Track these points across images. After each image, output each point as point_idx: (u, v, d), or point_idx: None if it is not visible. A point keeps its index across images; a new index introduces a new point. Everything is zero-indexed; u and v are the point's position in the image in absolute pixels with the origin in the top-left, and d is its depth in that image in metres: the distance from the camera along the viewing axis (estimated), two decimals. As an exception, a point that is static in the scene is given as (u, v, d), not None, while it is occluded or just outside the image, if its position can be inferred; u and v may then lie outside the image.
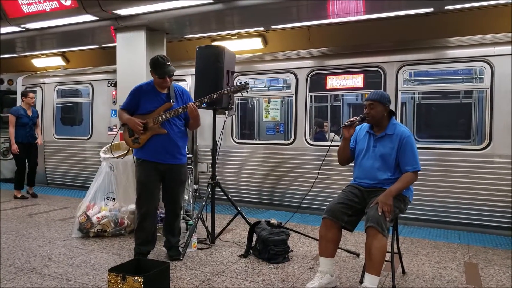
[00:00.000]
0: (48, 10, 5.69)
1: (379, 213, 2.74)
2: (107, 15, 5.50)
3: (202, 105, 4.11)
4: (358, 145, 3.18)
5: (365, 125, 3.18)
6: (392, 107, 5.05)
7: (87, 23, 5.90)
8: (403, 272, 3.40)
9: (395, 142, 2.99)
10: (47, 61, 9.50)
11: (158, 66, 3.52)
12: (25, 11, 5.87)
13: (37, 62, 9.65)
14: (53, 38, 6.94)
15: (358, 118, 3.12)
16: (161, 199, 3.78)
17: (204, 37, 6.99)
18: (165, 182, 3.66)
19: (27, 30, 6.53)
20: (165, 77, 3.52)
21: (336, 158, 3.30)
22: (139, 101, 3.59)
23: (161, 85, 3.59)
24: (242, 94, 3.74)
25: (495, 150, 4.72)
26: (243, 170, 6.20)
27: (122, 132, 3.74)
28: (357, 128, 3.20)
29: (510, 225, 4.64)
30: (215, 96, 3.63)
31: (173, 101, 3.58)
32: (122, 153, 4.36)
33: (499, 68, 4.73)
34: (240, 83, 3.66)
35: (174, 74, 3.63)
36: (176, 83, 3.80)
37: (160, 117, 3.50)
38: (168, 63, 3.54)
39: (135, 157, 3.69)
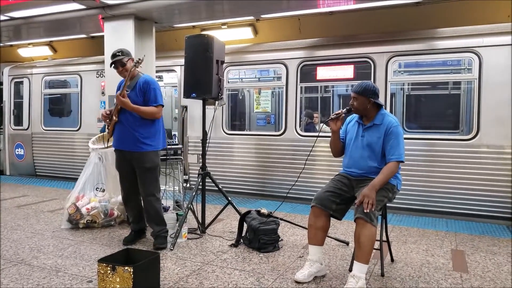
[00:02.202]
0: (34, -2, 5.58)
1: (364, 209, 2.75)
2: (95, 4, 5.41)
3: (191, 95, 4.10)
4: (347, 135, 3.22)
5: (355, 116, 3.22)
6: (381, 97, 5.14)
7: (74, 11, 5.80)
8: (392, 260, 3.45)
9: (382, 132, 3.02)
10: (33, 50, 9.33)
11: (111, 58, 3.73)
12: (10, -1, 5.75)
13: (24, 52, 9.48)
14: (40, 27, 6.79)
15: (344, 110, 3.17)
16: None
17: (194, 26, 6.93)
18: (135, 170, 3.75)
19: (13, 18, 6.40)
20: (116, 66, 3.67)
21: (326, 149, 3.33)
22: None
23: (119, 75, 3.74)
24: (141, 67, 3.67)
25: (483, 140, 4.78)
26: (234, 161, 6.20)
27: None
28: (348, 118, 3.26)
29: (496, 214, 4.73)
30: (127, 74, 3.56)
31: (126, 91, 3.60)
32: (109, 145, 4.34)
33: (487, 59, 4.77)
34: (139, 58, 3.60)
35: (164, 65, 3.61)
36: (165, 73, 3.76)
37: (114, 107, 3.66)
38: (118, 53, 3.68)
39: None
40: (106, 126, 3.87)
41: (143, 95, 3.66)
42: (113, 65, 3.69)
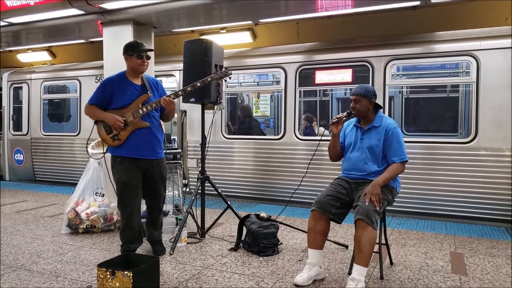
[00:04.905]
0: (32, 4, 5.58)
1: (367, 203, 2.78)
2: (93, 9, 5.42)
3: (190, 100, 4.11)
4: (346, 139, 3.25)
5: (352, 120, 3.26)
6: (380, 101, 5.17)
7: (73, 17, 5.81)
8: (391, 263, 3.46)
9: (381, 134, 3.05)
10: (33, 56, 9.34)
11: (135, 46, 3.43)
12: (9, 5, 5.75)
13: (23, 57, 9.49)
14: (39, 32, 6.81)
15: (344, 113, 3.19)
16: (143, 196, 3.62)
17: (192, 31, 6.94)
18: (146, 178, 3.49)
19: (11, 24, 6.41)
20: (143, 56, 3.39)
21: (326, 153, 3.35)
22: (112, 95, 3.40)
23: (138, 69, 3.42)
24: (225, 81, 3.69)
25: (481, 143, 4.80)
26: (233, 165, 6.21)
27: (97, 130, 3.49)
28: (345, 123, 3.28)
29: (494, 216, 4.74)
30: (198, 84, 3.45)
31: (150, 93, 3.45)
32: (100, 152, 4.34)
33: (484, 62, 4.79)
34: (222, 69, 3.58)
35: (163, 70, 3.61)
36: (164, 78, 3.76)
37: (140, 110, 3.33)
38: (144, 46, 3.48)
39: (112, 156, 3.49)
40: (114, 134, 3.40)
41: (158, 95, 3.52)
42: (143, 53, 3.40)
